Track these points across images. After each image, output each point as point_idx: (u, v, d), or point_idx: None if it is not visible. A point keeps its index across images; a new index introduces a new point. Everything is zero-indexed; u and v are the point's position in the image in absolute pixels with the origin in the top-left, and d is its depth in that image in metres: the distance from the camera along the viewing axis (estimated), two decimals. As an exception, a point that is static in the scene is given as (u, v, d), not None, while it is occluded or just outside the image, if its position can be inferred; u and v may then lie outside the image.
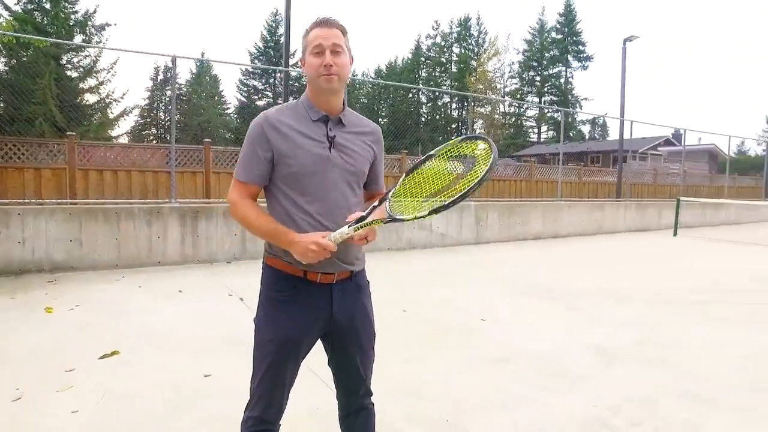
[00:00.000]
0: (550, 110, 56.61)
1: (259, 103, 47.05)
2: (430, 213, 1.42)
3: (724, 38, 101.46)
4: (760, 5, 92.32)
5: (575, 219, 12.40)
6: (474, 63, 61.62)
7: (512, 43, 62.08)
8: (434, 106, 64.74)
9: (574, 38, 56.46)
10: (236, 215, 1.61)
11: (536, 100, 58.11)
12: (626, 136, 14.99)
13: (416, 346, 3.90)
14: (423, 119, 63.87)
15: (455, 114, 65.53)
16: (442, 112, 65.64)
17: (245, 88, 48.00)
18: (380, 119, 61.25)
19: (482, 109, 59.66)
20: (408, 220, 1.44)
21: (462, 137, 1.55)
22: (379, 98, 64.29)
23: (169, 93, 43.80)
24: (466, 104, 65.10)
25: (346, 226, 1.48)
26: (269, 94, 47.66)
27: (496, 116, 58.16)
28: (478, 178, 1.40)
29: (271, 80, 46.93)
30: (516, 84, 59.83)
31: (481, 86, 58.42)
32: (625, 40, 14.31)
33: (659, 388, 3.15)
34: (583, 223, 12.57)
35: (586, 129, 60.72)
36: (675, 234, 12.71)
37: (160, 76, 43.33)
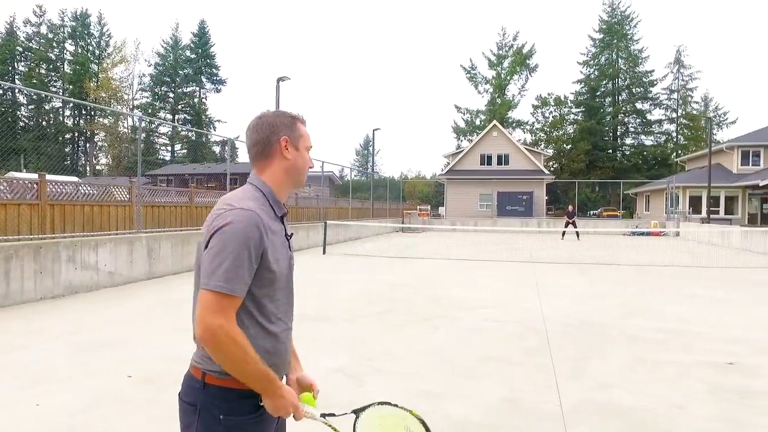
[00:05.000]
0: (185, 129, 55.77)
1: None
2: None
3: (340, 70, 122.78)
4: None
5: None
6: (95, 67, 54.90)
7: (143, 54, 58.12)
8: (39, 109, 54.12)
9: (208, 60, 57.56)
10: (230, 348, 1.22)
11: (170, 117, 56.23)
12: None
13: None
14: (23, 124, 52.49)
15: (70, 122, 56.53)
16: (52, 119, 55.58)
17: None
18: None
19: (105, 120, 53.66)
20: None
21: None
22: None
23: None
24: (85, 113, 57.32)
25: (319, 414, 1.43)
26: None
27: (123, 129, 53.43)
28: None
29: None
30: (148, 98, 56.36)
31: (104, 95, 52.53)
32: (279, 80, 15.86)
33: (408, 394, 3.84)
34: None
35: (217, 149, 62.47)
36: (324, 252, 14.80)
37: None
